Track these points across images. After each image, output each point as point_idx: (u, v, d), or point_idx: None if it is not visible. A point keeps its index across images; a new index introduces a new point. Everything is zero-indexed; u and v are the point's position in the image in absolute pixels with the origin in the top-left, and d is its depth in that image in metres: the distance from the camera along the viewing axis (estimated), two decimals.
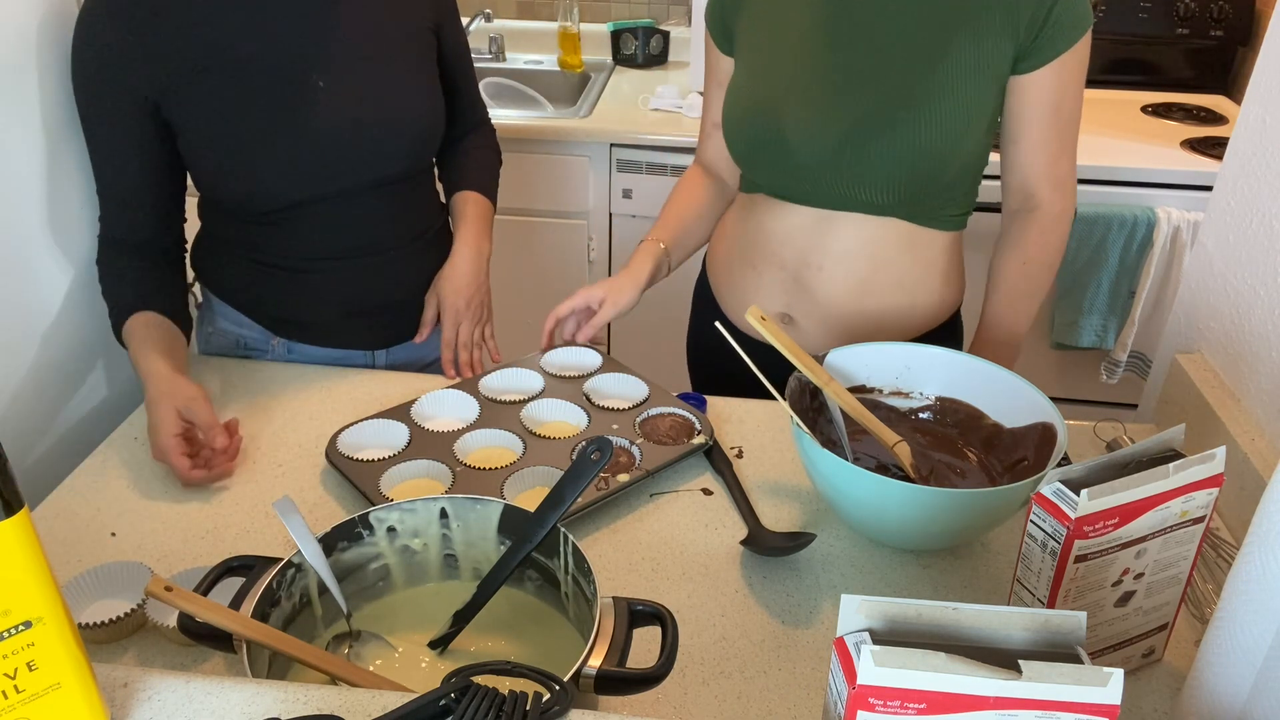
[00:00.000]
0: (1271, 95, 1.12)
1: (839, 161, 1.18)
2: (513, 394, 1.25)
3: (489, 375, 1.28)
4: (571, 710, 0.66)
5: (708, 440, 1.16)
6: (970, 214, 1.28)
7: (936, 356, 1.13)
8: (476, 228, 1.39)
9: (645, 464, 1.12)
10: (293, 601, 0.83)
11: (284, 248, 1.29)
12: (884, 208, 1.20)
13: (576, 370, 1.30)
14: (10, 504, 0.56)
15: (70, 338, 1.27)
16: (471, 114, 1.47)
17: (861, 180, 1.18)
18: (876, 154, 1.16)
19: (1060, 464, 1.17)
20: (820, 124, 1.18)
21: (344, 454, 1.13)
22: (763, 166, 1.27)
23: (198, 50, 1.16)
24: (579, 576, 0.83)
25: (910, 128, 1.14)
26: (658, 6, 2.95)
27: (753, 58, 1.26)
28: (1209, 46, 2.57)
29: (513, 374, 1.29)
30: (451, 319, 1.37)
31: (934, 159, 1.16)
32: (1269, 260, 1.10)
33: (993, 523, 0.99)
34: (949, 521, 0.96)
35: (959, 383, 1.13)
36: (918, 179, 1.17)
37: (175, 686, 0.69)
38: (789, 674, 0.90)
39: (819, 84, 1.19)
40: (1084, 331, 2.33)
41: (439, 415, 1.22)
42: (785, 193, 1.26)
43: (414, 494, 1.04)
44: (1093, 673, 0.59)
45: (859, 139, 1.16)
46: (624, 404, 1.23)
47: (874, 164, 1.16)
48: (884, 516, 0.99)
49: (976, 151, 1.20)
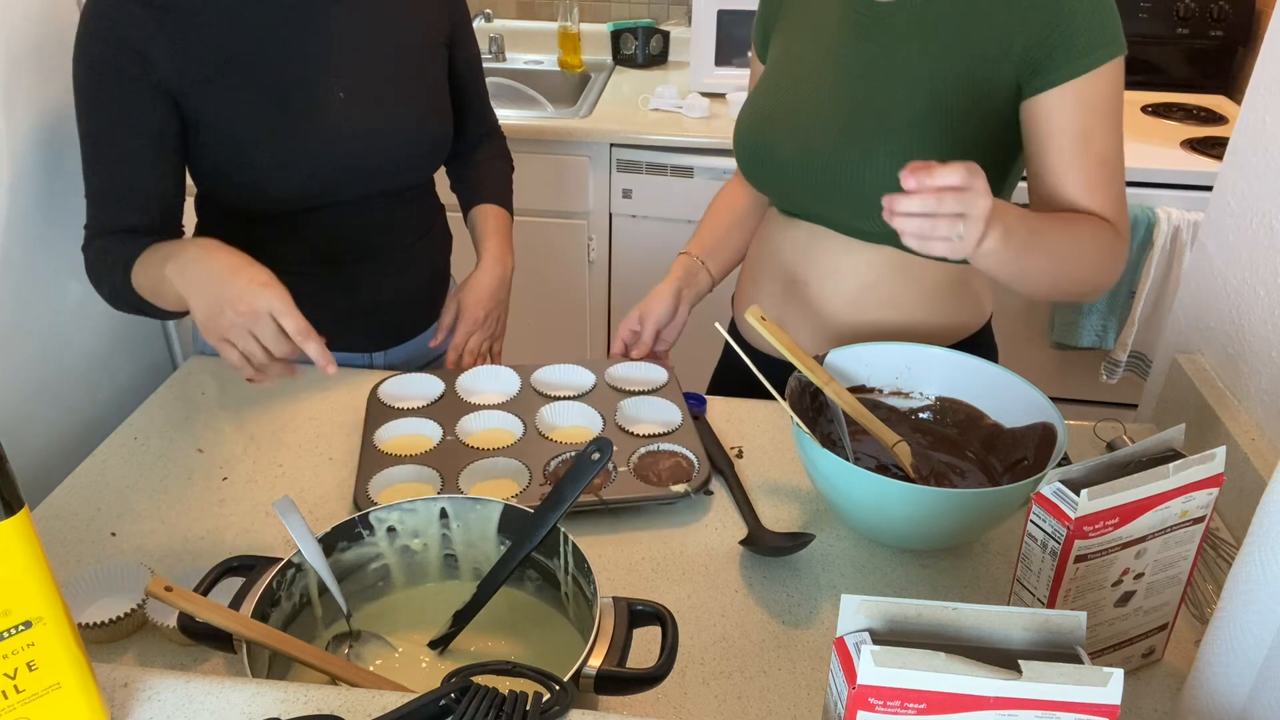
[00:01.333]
0: (1271, 95, 1.12)
1: (829, 183, 1.17)
2: (565, 390, 1.26)
3: (542, 370, 1.29)
4: (571, 710, 0.66)
5: (686, 493, 1.08)
6: None
7: (936, 356, 1.13)
8: (499, 241, 1.42)
9: (606, 492, 1.08)
10: (293, 601, 0.83)
11: (282, 251, 1.28)
12: (879, 236, 1.19)
13: (640, 385, 1.28)
14: (10, 504, 0.56)
15: (70, 337, 1.27)
16: (483, 124, 1.48)
17: (853, 204, 1.17)
18: (867, 178, 1.14)
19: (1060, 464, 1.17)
20: (810, 143, 1.18)
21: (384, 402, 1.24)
22: (760, 182, 1.29)
23: (224, 45, 1.14)
24: (579, 576, 0.83)
25: (901, 154, 1.11)
26: (658, 6, 2.95)
27: (771, 74, 1.27)
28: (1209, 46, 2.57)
29: (571, 371, 1.30)
30: (466, 327, 1.38)
31: None
32: (1269, 260, 1.10)
33: (993, 523, 0.99)
34: (949, 521, 0.96)
35: (959, 383, 1.13)
36: None
37: (175, 686, 0.69)
38: (789, 674, 0.90)
39: (821, 110, 1.18)
40: (1084, 331, 2.33)
41: (482, 389, 1.27)
42: (786, 207, 1.27)
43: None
44: (1093, 673, 0.59)
45: (848, 161, 1.15)
46: (647, 429, 1.19)
47: (865, 188, 1.15)
48: (884, 516, 0.99)
49: None
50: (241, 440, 1.21)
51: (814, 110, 1.19)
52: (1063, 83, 1.08)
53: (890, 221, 0.92)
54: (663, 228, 2.44)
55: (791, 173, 1.21)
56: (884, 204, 0.92)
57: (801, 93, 1.21)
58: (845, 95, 1.17)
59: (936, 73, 1.12)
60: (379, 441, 1.16)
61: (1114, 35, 1.08)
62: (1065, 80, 1.08)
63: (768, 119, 1.23)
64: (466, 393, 1.26)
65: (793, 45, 1.25)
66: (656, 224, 2.45)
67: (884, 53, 1.15)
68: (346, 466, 1.16)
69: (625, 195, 2.44)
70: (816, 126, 1.18)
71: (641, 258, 2.49)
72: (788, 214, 1.28)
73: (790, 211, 1.27)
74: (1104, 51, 1.07)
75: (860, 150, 1.15)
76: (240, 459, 1.17)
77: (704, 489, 1.11)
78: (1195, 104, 2.53)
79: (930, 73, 1.13)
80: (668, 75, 2.77)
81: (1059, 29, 1.07)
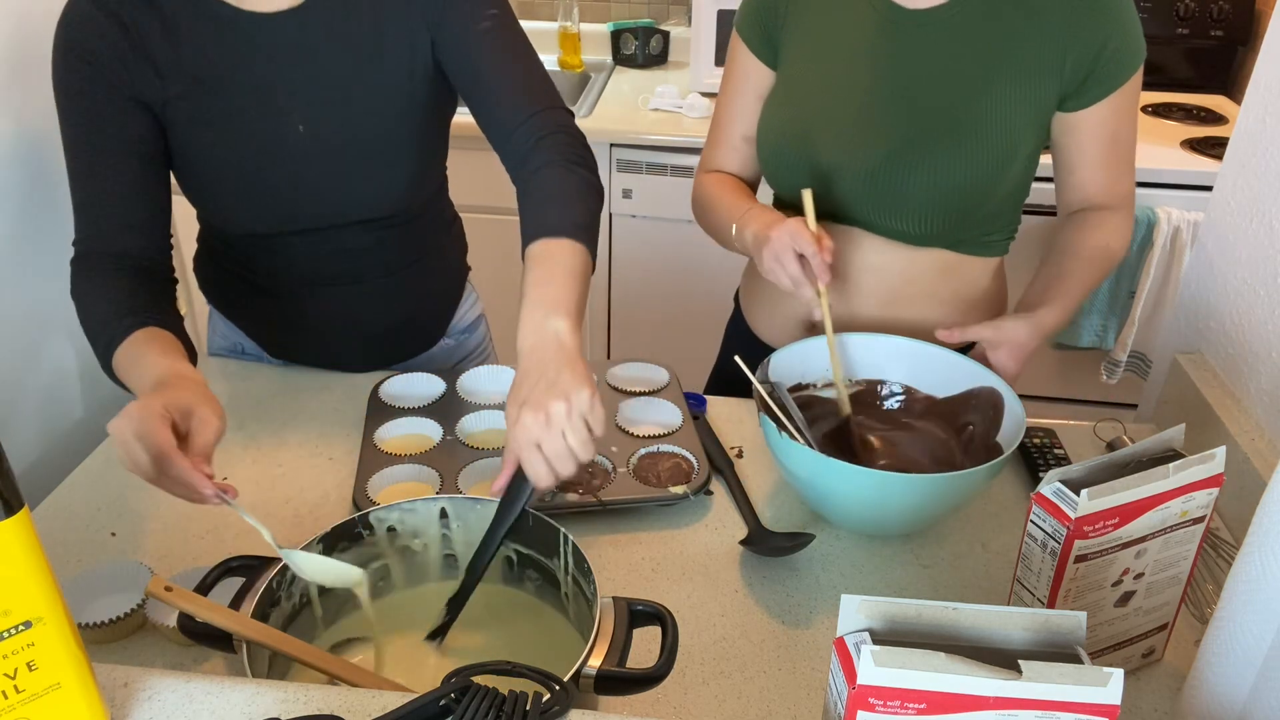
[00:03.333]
0: (1271, 95, 1.12)
1: (875, 191, 1.16)
2: None
3: None
4: (571, 710, 0.66)
5: (685, 495, 1.09)
6: (1013, 239, 1.26)
7: (859, 343, 1.16)
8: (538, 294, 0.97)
9: (606, 494, 1.08)
10: (293, 601, 0.84)
11: (272, 270, 1.26)
12: (921, 238, 1.19)
13: (640, 386, 1.28)
14: (10, 504, 0.56)
15: (70, 337, 1.27)
16: (524, 117, 1.11)
17: (896, 211, 1.16)
18: (913, 187, 1.14)
19: (1060, 464, 1.17)
20: (856, 153, 1.16)
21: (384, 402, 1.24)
22: (794, 189, 1.22)
23: (190, 67, 1.09)
24: (579, 576, 0.83)
25: (948, 162, 1.12)
26: (658, 6, 2.95)
27: (795, 76, 1.23)
28: (1209, 46, 2.57)
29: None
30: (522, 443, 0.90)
31: (972, 194, 1.14)
32: (1269, 260, 1.10)
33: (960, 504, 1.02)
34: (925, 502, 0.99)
35: (886, 365, 1.17)
36: (955, 213, 1.15)
37: (175, 686, 0.69)
38: (789, 674, 0.90)
39: (859, 112, 1.17)
40: (1084, 331, 2.33)
41: (485, 389, 1.27)
42: (817, 212, 1.22)
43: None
44: (1093, 673, 0.59)
45: (895, 171, 1.14)
46: (647, 430, 1.19)
47: (910, 196, 1.14)
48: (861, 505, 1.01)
49: (1017, 184, 1.18)
50: (241, 440, 1.21)
51: (856, 118, 1.17)
52: (1104, 98, 1.12)
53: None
54: (663, 228, 2.44)
55: (837, 182, 1.18)
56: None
57: (837, 100, 1.18)
58: (890, 102, 1.15)
59: (986, 80, 1.12)
60: (379, 441, 1.16)
61: (1142, 42, 1.12)
62: (1107, 95, 1.12)
63: (803, 128, 1.20)
64: (466, 393, 1.25)
65: (815, 51, 1.21)
66: (656, 224, 2.45)
67: (925, 59, 1.14)
68: (346, 466, 1.16)
69: (625, 195, 2.43)
70: (862, 135, 1.16)
71: (641, 258, 2.49)
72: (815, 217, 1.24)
73: (820, 215, 1.21)
74: (1136, 63, 1.12)
75: (911, 157, 1.14)
76: (240, 459, 1.17)
77: (704, 490, 1.11)
78: (1195, 104, 2.53)
79: (980, 80, 1.12)
80: (668, 75, 2.76)
81: (1108, 46, 1.10)
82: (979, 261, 1.23)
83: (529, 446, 0.86)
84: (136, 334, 1.00)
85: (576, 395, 0.86)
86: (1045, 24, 1.10)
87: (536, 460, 0.86)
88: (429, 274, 1.35)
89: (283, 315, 1.31)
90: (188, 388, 0.91)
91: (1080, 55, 1.10)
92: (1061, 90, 1.12)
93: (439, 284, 1.39)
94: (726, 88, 1.30)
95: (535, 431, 0.86)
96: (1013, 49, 1.12)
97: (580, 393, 0.86)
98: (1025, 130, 1.14)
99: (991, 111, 1.12)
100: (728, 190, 1.28)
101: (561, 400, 0.86)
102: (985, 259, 1.24)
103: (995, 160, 1.13)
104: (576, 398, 0.86)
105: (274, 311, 1.31)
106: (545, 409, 0.86)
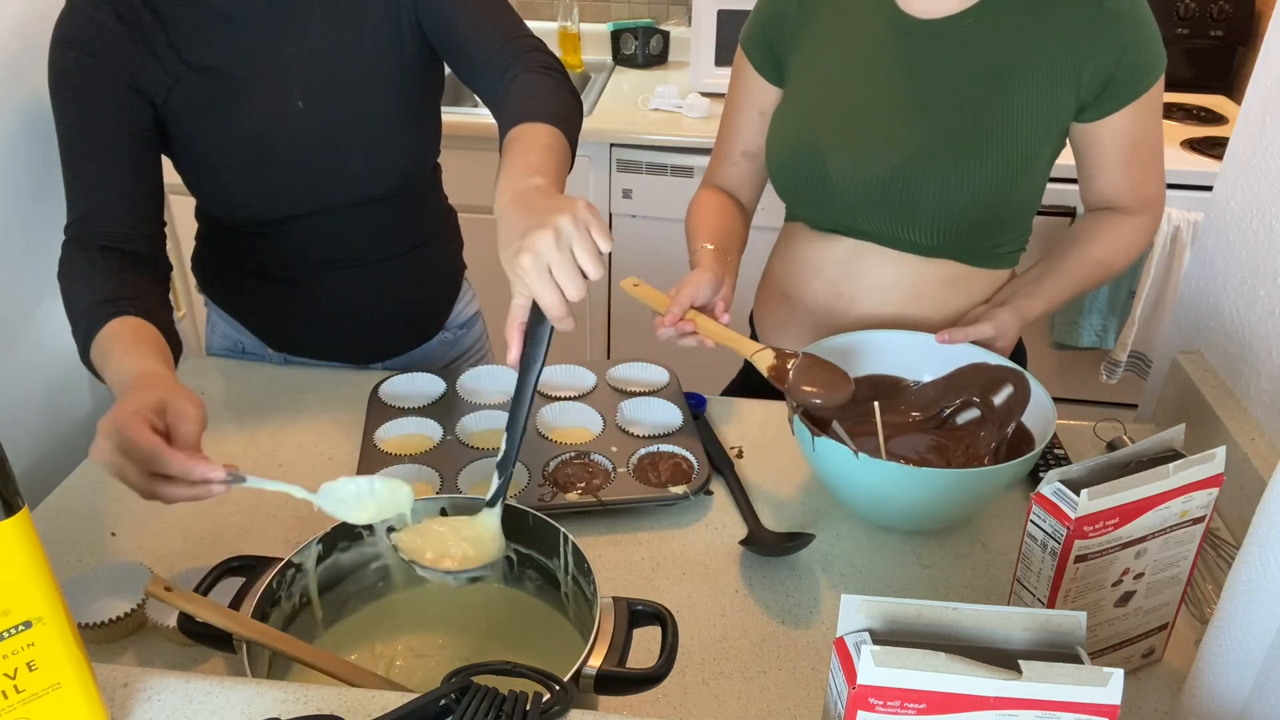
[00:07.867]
0: (1271, 95, 1.12)
1: (886, 202, 1.16)
2: (566, 390, 1.26)
3: (550, 368, 1.26)
4: (571, 710, 0.66)
5: (685, 495, 1.09)
6: (1023, 250, 1.26)
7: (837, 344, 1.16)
8: (516, 164, 0.96)
9: (606, 494, 1.08)
10: (293, 601, 0.84)
11: (272, 257, 1.27)
12: (931, 249, 1.18)
13: (640, 386, 1.28)
14: (10, 504, 0.56)
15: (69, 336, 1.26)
16: (494, 42, 1.14)
17: (908, 221, 1.16)
18: (924, 197, 1.14)
19: (1060, 464, 1.17)
20: (867, 164, 1.16)
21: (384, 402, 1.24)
22: (808, 203, 1.24)
23: (185, 55, 1.11)
24: (579, 576, 0.83)
25: (961, 173, 1.12)
26: (658, 6, 2.95)
27: (805, 88, 1.22)
28: (1209, 46, 2.57)
29: (572, 371, 1.29)
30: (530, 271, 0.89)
31: (984, 205, 1.14)
32: (1269, 260, 1.10)
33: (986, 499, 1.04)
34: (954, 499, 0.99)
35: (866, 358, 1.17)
36: (966, 223, 1.15)
37: (175, 686, 0.69)
38: (789, 674, 0.90)
39: (870, 122, 1.16)
40: (1084, 331, 2.33)
41: (485, 389, 1.26)
42: (827, 225, 1.23)
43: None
44: (1093, 673, 0.59)
45: (907, 181, 1.14)
46: (647, 430, 1.19)
47: (921, 206, 1.14)
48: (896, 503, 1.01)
49: (1030, 194, 1.18)
50: (241, 440, 1.21)
51: (867, 129, 1.16)
52: (1125, 107, 1.12)
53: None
54: (663, 228, 2.44)
55: (848, 193, 1.17)
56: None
57: (848, 111, 1.18)
58: (902, 113, 1.15)
59: (1001, 91, 1.12)
60: (379, 441, 1.16)
61: (1162, 51, 1.12)
62: (1128, 104, 1.11)
63: (812, 139, 1.19)
64: (467, 393, 1.26)
65: (825, 62, 1.20)
66: (656, 224, 2.45)
67: (938, 70, 1.14)
68: (346, 466, 1.16)
69: (625, 195, 2.43)
70: (873, 145, 1.16)
71: (641, 258, 2.49)
72: (825, 230, 1.24)
73: (830, 228, 1.23)
74: (1156, 70, 1.11)
75: (923, 167, 1.13)
76: (240, 459, 1.17)
77: (704, 490, 1.11)
78: (1195, 104, 2.53)
79: (995, 91, 1.12)
80: (668, 75, 2.76)
81: (1126, 57, 1.09)
82: (987, 274, 1.23)
83: (540, 273, 0.82)
84: (110, 325, 0.99)
85: (576, 207, 0.84)
86: (1062, 34, 1.09)
87: (549, 289, 0.82)
88: (428, 261, 1.37)
89: (284, 304, 1.31)
90: (155, 385, 0.88)
91: (1098, 66, 1.09)
92: (1079, 101, 1.12)
93: (437, 273, 1.40)
94: (729, 102, 1.31)
95: (546, 254, 0.82)
96: (1028, 59, 1.11)
97: (577, 204, 0.84)
98: (1040, 141, 1.13)
99: (1006, 122, 1.12)
100: (703, 218, 1.27)
101: (565, 213, 0.83)
102: (993, 271, 1.23)
103: (1008, 171, 1.12)
104: (577, 208, 0.83)
105: (275, 301, 1.31)
106: (552, 225, 0.82)
